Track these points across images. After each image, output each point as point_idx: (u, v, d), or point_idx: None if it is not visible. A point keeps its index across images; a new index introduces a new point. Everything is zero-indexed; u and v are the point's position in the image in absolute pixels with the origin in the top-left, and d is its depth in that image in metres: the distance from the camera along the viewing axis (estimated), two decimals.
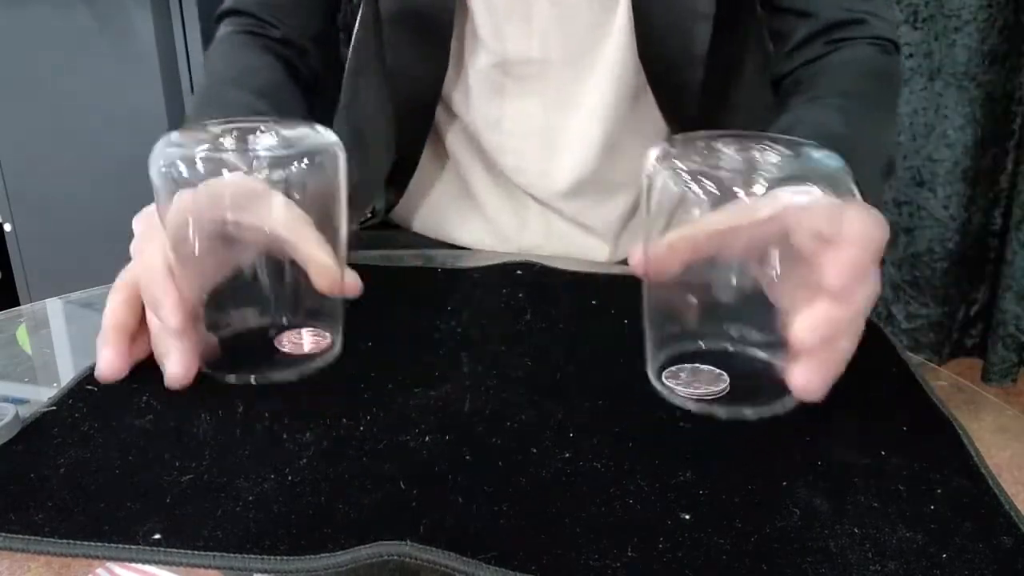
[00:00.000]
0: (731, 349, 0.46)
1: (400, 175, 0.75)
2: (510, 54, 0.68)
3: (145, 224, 0.47)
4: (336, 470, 0.38)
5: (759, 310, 0.42)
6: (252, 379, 0.45)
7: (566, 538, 0.34)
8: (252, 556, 0.32)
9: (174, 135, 0.45)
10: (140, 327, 0.45)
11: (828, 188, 0.39)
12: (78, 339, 0.58)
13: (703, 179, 0.40)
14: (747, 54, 0.72)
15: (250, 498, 0.36)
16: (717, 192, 0.39)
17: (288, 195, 0.43)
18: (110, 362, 0.44)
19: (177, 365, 0.43)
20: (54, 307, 0.61)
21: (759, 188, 0.39)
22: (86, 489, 0.36)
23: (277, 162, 0.43)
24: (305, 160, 0.44)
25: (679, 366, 0.45)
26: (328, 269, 0.45)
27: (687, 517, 0.35)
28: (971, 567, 0.33)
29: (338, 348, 0.48)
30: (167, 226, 0.43)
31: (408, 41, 0.68)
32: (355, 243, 0.74)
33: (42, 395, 0.44)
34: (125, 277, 0.46)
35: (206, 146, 0.43)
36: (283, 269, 0.45)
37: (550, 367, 0.47)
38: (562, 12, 0.65)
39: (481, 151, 0.74)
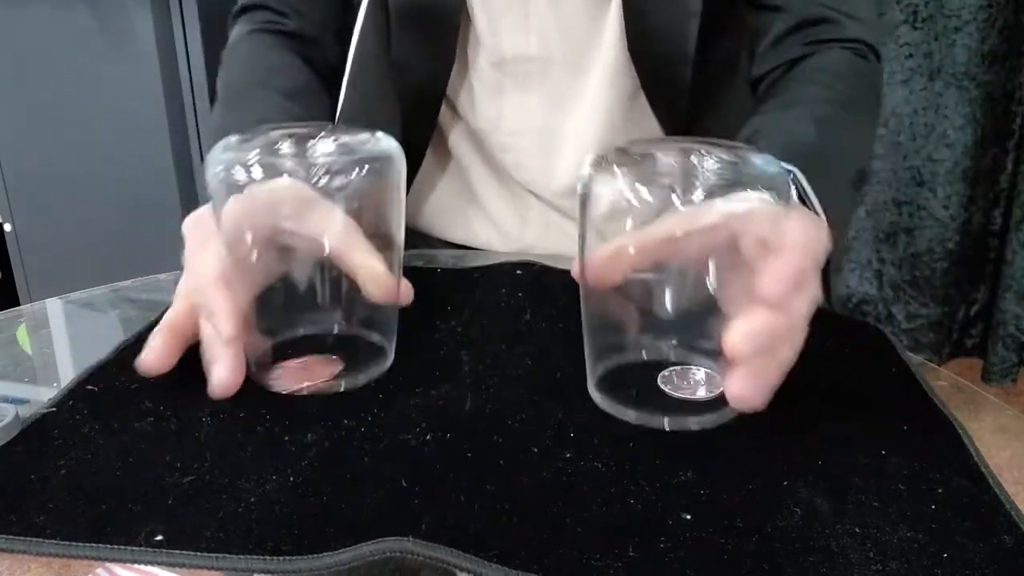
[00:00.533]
0: (673, 359, 0.45)
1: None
2: (507, 52, 0.68)
3: (197, 230, 0.47)
4: (338, 470, 0.38)
5: (701, 319, 0.41)
6: (304, 388, 0.44)
7: (567, 538, 0.34)
8: (255, 557, 0.32)
9: (232, 139, 0.44)
10: (192, 334, 0.45)
11: (768, 194, 0.39)
12: (78, 339, 0.58)
13: (640, 186, 0.39)
14: (738, 53, 0.72)
15: (252, 499, 0.36)
16: (653, 199, 0.38)
17: (345, 202, 0.42)
18: (158, 352, 0.44)
19: (225, 371, 0.43)
20: (54, 307, 0.61)
21: (697, 195, 0.38)
22: (87, 490, 0.36)
23: (335, 168, 0.42)
24: (364, 167, 0.43)
25: (672, 368, 0.44)
26: (379, 277, 0.44)
27: (688, 517, 0.35)
28: (972, 566, 0.33)
29: (391, 358, 0.47)
30: (223, 231, 0.43)
31: (414, 39, 0.68)
32: None
33: (42, 395, 0.44)
34: (184, 287, 0.46)
35: (264, 151, 0.43)
36: (337, 277, 0.44)
37: (550, 367, 0.47)
38: (558, 11, 0.66)
39: (483, 150, 0.74)
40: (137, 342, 0.49)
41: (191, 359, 0.44)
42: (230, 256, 0.43)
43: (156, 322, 0.52)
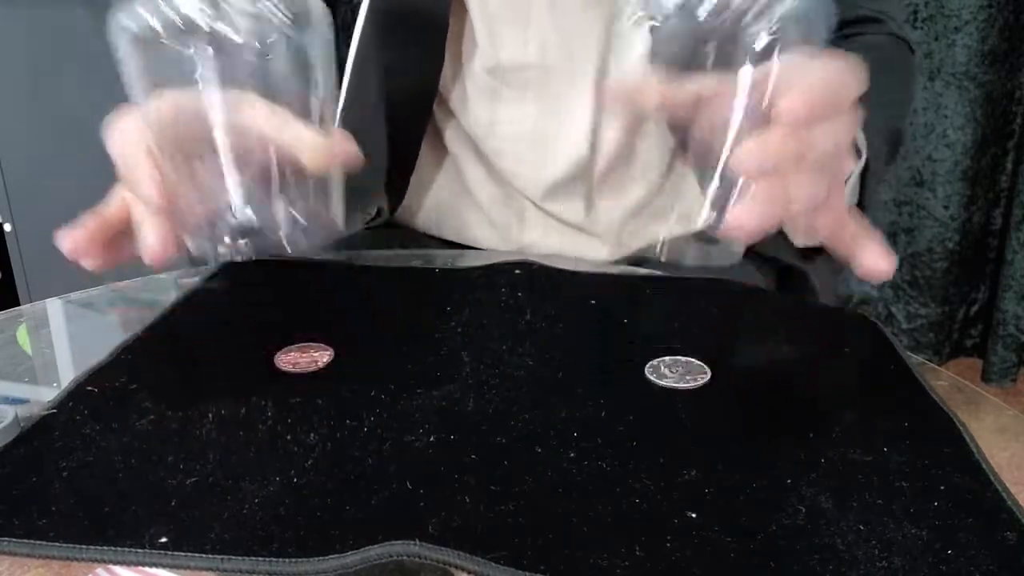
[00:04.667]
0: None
1: (398, 175, 0.75)
2: (504, 59, 0.67)
3: (120, 127, 0.44)
4: (341, 471, 0.38)
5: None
6: (244, 252, 0.42)
7: (573, 538, 0.34)
8: (260, 559, 0.32)
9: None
10: (121, 223, 0.44)
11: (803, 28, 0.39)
12: (78, 339, 0.58)
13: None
14: None
15: (256, 500, 0.36)
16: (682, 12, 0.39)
17: (266, 62, 0.40)
18: (75, 236, 0.45)
19: (154, 237, 0.41)
20: (54, 307, 0.61)
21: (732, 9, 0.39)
22: (89, 492, 0.36)
23: (252, 24, 0.39)
24: (285, 22, 0.40)
25: (660, 359, 0.46)
26: (318, 145, 0.41)
27: (693, 515, 0.35)
28: (975, 563, 0.33)
29: (341, 224, 0.45)
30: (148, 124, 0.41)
31: (403, 39, 0.68)
32: (358, 243, 0.74)
33: (42, 395, 0.44)
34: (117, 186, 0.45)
35: (177, 7, 0.39)
36: (269, 161, 0.42)
37: (552, 367, 0.47)
38: (562, 19, 0.65)
39: (479, 151, 0.73)
40: (137, 343, 0.49)
41: (191, 358, 0.44)
42: (159, 146, 0.41)
43: (156, 322, 0.52)
